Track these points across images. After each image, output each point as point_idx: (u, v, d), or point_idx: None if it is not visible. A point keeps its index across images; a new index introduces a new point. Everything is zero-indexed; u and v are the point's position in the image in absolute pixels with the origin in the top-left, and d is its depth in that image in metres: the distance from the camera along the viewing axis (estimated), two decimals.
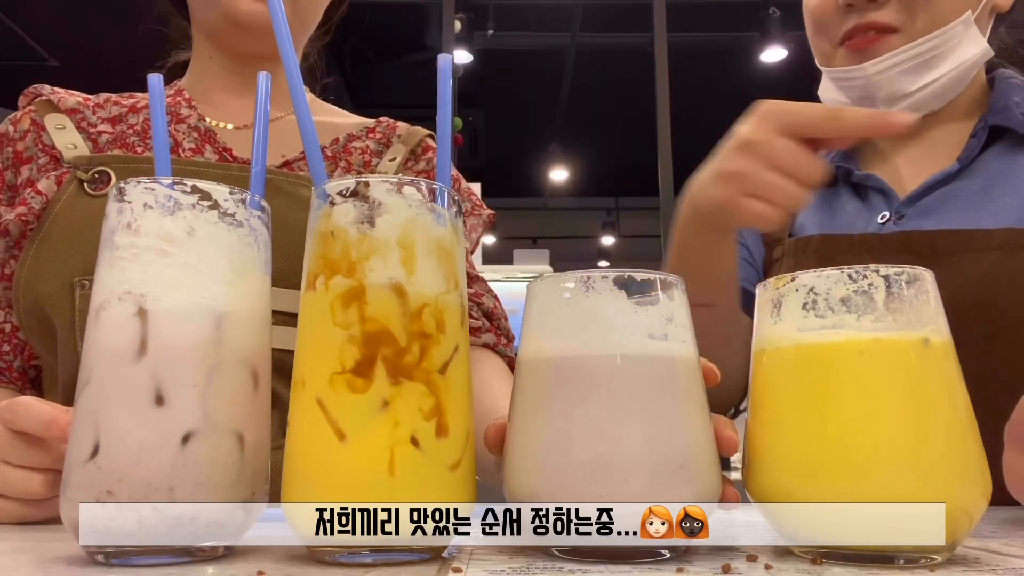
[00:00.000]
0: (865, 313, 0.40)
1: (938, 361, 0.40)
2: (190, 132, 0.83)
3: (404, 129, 0.94)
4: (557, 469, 0.40)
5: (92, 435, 0.39)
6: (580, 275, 0.42)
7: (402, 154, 0.90)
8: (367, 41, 4.96)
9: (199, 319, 0.41)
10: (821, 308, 0.41)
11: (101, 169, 0.77)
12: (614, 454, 0.39)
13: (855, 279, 0.41)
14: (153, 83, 0.48)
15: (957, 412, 0.40)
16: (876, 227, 0.86)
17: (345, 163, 0.88)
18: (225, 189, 0.43)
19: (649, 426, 0.40)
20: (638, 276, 0.42)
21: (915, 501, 0.38)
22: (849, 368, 0.40)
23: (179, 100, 0.86)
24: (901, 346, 0.40)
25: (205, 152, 0.83)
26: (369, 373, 0.38)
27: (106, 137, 0.82)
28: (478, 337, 0.85)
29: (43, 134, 0.80)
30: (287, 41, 0.48)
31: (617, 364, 0.40)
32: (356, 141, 0.91)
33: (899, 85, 0.84)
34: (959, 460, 0.39)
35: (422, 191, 0.42)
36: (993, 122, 0.85)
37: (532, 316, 0.44)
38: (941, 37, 0.81)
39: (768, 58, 5.09)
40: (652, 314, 0.41)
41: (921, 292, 0.41)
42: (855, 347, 0.40)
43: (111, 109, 0.85)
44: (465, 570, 0.36)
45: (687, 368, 0.42)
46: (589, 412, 0.40)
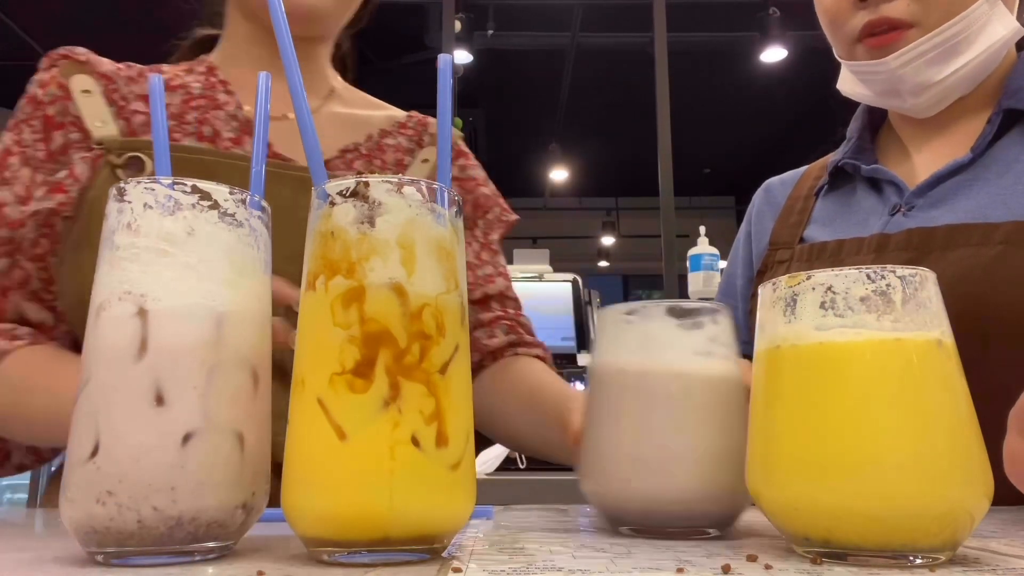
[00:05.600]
0: (885, 313, 0.40)
1: (948, 362, 0.41)
2: (229, 120, 0.81)
3: (435, 127, 0.94)
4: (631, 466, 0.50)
5: (92, 435, 0.39)
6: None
7: (435, 156, 0.90)
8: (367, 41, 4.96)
9: (199, 319, 0.41)
10: (840, 307, 0.41)
11: (135, 155, 0.74)
12: (670, 452, 0.49)
13: (873, 279, 0.41)
14: (153, 83, 0.48)
15: (963, 413, 0.40)
16: (885, 219, 0.84)
17: (380, 162, 0.88)
18: (225, 189, 0.43)
19: (698, 431, 0.50)
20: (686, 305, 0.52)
21: (921, 501, 0.38)
22: (867, 368, 0.40)
23: (214, 83, 0.83)
24: (919, 346, 0.40)
25: (244, 144, 0.80)
26: (369, 373, 0.38)
27: (140, 118, 0.79)
28: (530, 350, 0.91)
29: (70, 103, 0.77)
30: (287, 42, 0.48)
31: (673, 378, 0.51)
32: (388, 138, 0.91)
33: (925, 75, 0.81)
34: (964, 461, 0.39)
35: (422, 191, 0.42)
36: (1007, 105, 0.81)
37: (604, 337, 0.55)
38: (964, 22, 0.79)
39: (768, 58, 5.10)
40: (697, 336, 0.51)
41: (932, 294, 0.42)
42: (876, 347, 0.40)
43: (145, 85, 0.81)
44: (465, 570, 0.36)
45: (726, 383, 0.51)
46: (652, 421, 0.50)
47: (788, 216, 0.97)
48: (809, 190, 0.97)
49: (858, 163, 0.90)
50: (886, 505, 0.38)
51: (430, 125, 0.94)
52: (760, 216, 1.01)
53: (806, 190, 0.98)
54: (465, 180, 0.94)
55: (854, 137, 0.94)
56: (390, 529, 0.38)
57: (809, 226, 0.93)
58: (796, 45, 4.91)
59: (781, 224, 0.97)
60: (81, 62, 0.79)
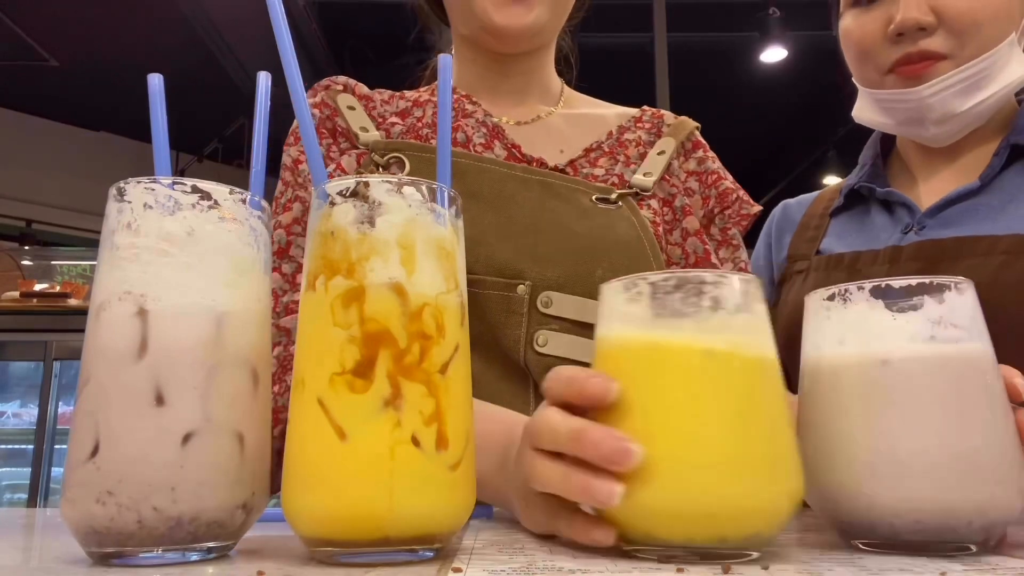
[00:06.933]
0: (704, 320, 0.40)
1: (763, 370, 0.41)
2: (479, 127, 0.85)
3: (672, 119, 0.94)
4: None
5: (92, 435, 0.39)
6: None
7: (671, 147, 0.90)
8: (367, 41, 4.96)
9: (199, 319, 0.41)
10: (665, 311, 0.41)
11: (396, 155, 0.80)
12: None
13: (703, 286, 0.40)
14: (153, 84, 0.48)
15: (773, 417, 0.40)
16: (898, 238, 0.89)
17: (624, 157, 0.89)
18: (225, 189, 0.43)
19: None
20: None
21: (726, 500, 0.38)
22: (677, 373, 0.40)
23: (458, 97, 0.88)
24: (734, 355, 0.40)
25: (494, 148, 0.84)
26: (369, 373, 0.38)
27: (399, 128, 0.85)
28: None
29: (337, 118, 0.84)
30: (287, 42, 0.48)
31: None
32: (627, 133, 0.92)
33: (951, 106, 0.86)
34: (767, 461, 0.39)
35: (422, 191, 0.42)
36: (1015, 141, 0.87)
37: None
38: (992, 58, 0.84)
39: (768, 58, 5.10)
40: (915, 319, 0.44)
41: (759, 302, 0.42)
42: (685, 352, 0.40)
43: (397, 104, 0.88)
44: (465, 570, 0.36)
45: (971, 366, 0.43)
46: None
47: (804, 231, 1.02)
48: (824, 209, 1.02)
49: (873, 186, 0.95)
50: (692, 502, 0.38)
51: (665, 116, 0.95)
52: (779, 231, 1.07)
53: (821, 208, 1.03)
54: (705, 174, 0.91)
55: (868, 163, 1.00)
56: (390, 529, 0.38)
57: (825, 240, 0.98)
58: (796, 45, 4.91)
59: (798, 238, 1.02)
60: (342, 87, 0.88)
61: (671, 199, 0.88)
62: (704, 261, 0.86)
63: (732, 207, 0.90)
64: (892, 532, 0.42)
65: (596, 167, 0.87)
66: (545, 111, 0.91)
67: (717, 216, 0.90)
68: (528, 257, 0.76)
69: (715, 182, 0.90)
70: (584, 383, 0.41)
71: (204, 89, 4.52)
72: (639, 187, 0.86)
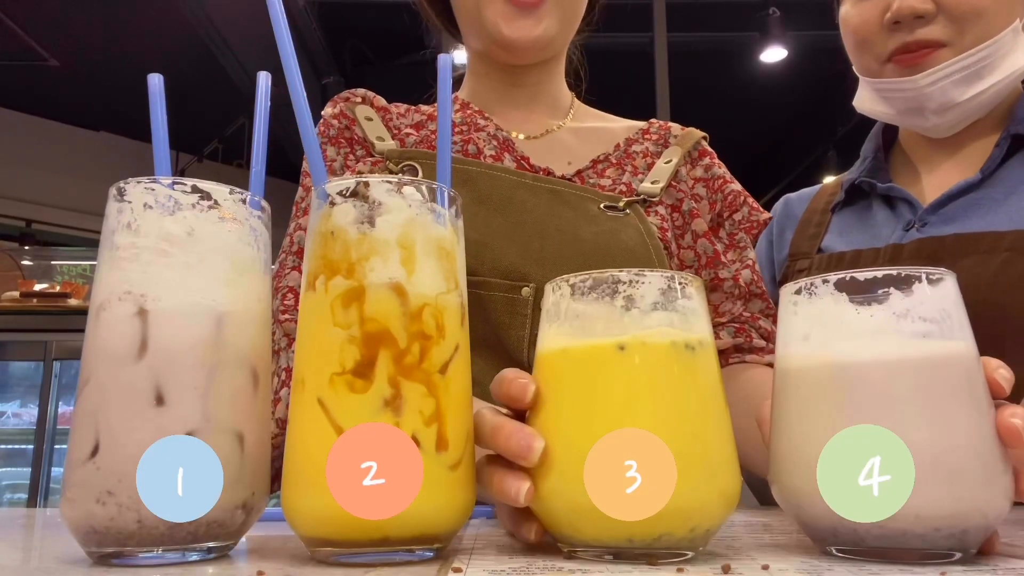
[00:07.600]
0: (625, 314, 0.40)
1: (697, 364, 0.41)
2: (490, 140, 0.88)
3: (679, 130, 0.96)
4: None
5: (92, 435, 0.39)
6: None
7: (678, 156, 0.91)
8: (367, 41, 4.96)
9: (199, 319, 0.41)
10: (584, 310, 0.41)
11: (410, 163, 0.82)
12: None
13: (626, 282, 0.41)
14: (153, 83, 0.48)
15: (708, 414, 0.40)
16: (900, 235, 0.88)
17: (631, 167, 0.90)
18: (225, 189, 0.43)
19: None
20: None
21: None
22: (600, 370, 0.40)
23: (471, 112, 0.91)
24: (662, 348, 0.40)
25: (504, 160, 0.86)
26: (369, 373, 0.38)
27: (413, 138, 0.88)
28: (760, 356, 0.86)
29: (355, 128, 0.88)
30: (287, 42, 0.48)
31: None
32: (635, 145, 0.93)
33: (950, 95, 0.84)
34: (701, 460, 0.39)
35: (422, 191, 0.42)
36: (1015, 131, 0.85)
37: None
38: (993, 47, 0.82)
39: (768, 58, 5.09)
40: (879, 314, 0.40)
41: (696, 296, 0.42)
42: (608, 350, 0.40)
43: (412, 116, 0.92)
44: (465, 570, 0.36)
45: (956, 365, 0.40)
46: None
47: (806, 228, 1.02)
48: (826, 204, 1.02)
49: (874, 182, 0.94)
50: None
51: (672, 128, 0.96)
52: (780, 228, 1.06)
53: (822, 204, 1.02)
54: (712, 180, 0.92)
55: (869, 157, 0.99)
56: (390, 529, 0.38)
57: (826, 237, 0.97)
58: (796, 45, 4.91)
59: (800, 236, 1.02)
60: (361, 99, 0.91)
61: (679, 204, 0.89)
62: (714, 261, 0.87)
63: (740, 211, 0.90)
64: (856, 538, 0.39)
65: (603, 177, 0.89)
66: (555, 125, 0.93)
67: (727, 221, 0.91)
68: (534, 260, 0.77)
69: (721, 186, 0.91)
70: (509, 384, 0.42)
71: (204, 89, 4.53)
72: (647, 194, 0.87)
